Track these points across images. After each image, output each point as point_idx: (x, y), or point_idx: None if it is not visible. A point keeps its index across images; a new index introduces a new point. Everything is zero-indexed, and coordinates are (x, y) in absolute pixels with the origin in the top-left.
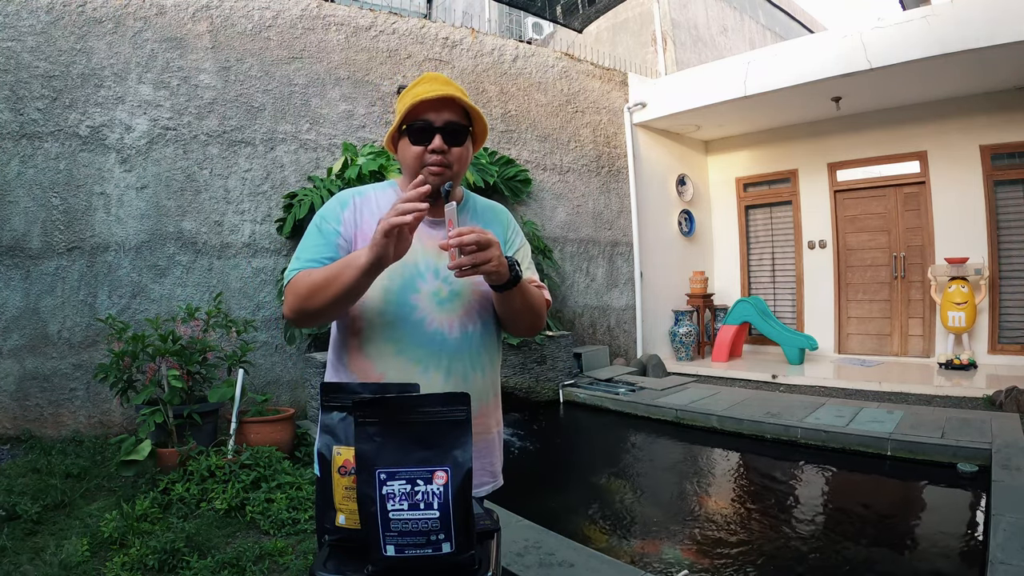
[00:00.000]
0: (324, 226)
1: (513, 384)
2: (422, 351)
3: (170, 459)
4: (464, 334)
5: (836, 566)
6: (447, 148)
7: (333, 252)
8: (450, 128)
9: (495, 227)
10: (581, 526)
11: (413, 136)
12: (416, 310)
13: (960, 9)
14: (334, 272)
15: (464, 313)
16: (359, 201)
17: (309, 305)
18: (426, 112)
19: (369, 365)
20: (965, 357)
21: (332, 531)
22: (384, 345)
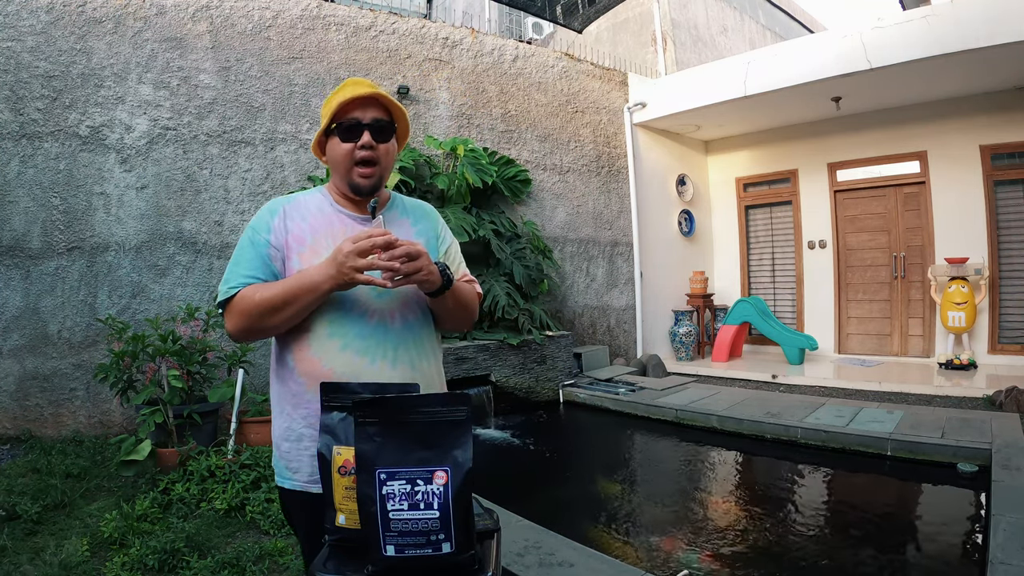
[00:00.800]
0: (256, 238)
1: (513, 384)
2: (367, 343)
3: (170, 459)
4: (406, 323)
5: (836, 566)
6: (375, 144)
7: (267, 265)
8: (377, 125)
9: (425, 224)
10: (581, 526)
11: (343, 134)
12: (357, 305)
13: (960, 9)
14: (291, 294)
15: (403, 304)
16: (288, 208)
17: (262, 324)
18: (353, 111)
19: (316, 363)
20: (965, 357)
21: (332, 531)
22: (329, 342)
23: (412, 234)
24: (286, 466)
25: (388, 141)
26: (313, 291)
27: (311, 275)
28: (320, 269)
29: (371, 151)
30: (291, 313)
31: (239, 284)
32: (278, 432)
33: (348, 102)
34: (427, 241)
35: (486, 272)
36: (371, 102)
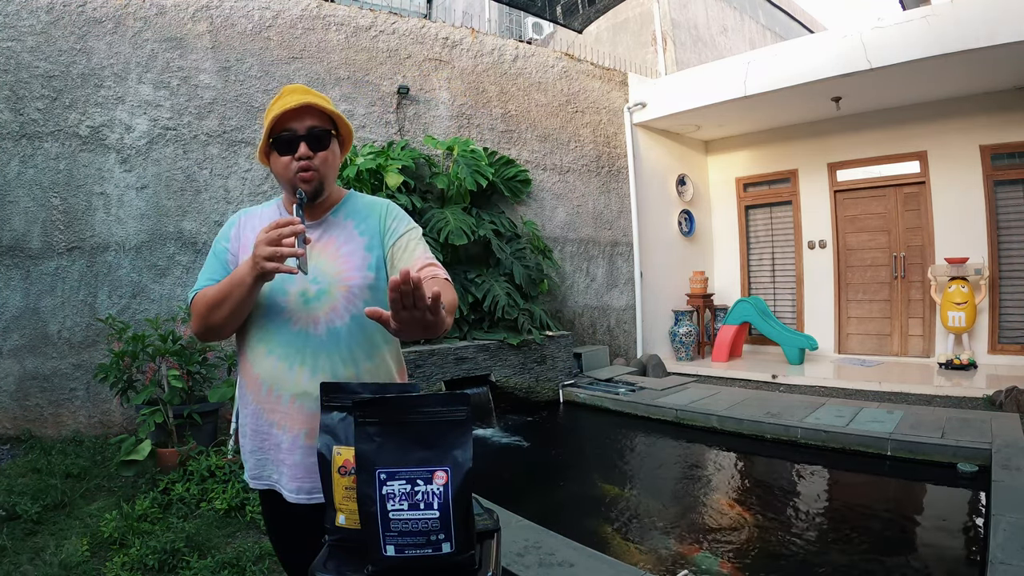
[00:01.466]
0: (217, 247)
1: (513, 384)
2: (287, 349)
3: (170, 459)
4: (330, 330)
5: (835, 565)
6: (312, 154)
7: (226, 270)
8: (313, 134)
9: (370, 220)
10: (581, 526)
11: (280, 147)
12: (283, 311)
13: (960, 9)
14: (225, 291)
15: (330, 310)
16: (244, 219)
17: (210, 322)
18: (289, 122)
19: (249, 366)
20: (965, 357)
21: (332, 531)
22: (257, 346)
23: (355, 235)
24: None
25: (327, 148)
26: (240, 284)
27: (239, 269)
28: (245, 262)
29: (308, 162)
30: (229, 309)
31: (199, 287)
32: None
33: (282, 115)
34: (370, 239)
35: (486, 272)
36: (306, 111)
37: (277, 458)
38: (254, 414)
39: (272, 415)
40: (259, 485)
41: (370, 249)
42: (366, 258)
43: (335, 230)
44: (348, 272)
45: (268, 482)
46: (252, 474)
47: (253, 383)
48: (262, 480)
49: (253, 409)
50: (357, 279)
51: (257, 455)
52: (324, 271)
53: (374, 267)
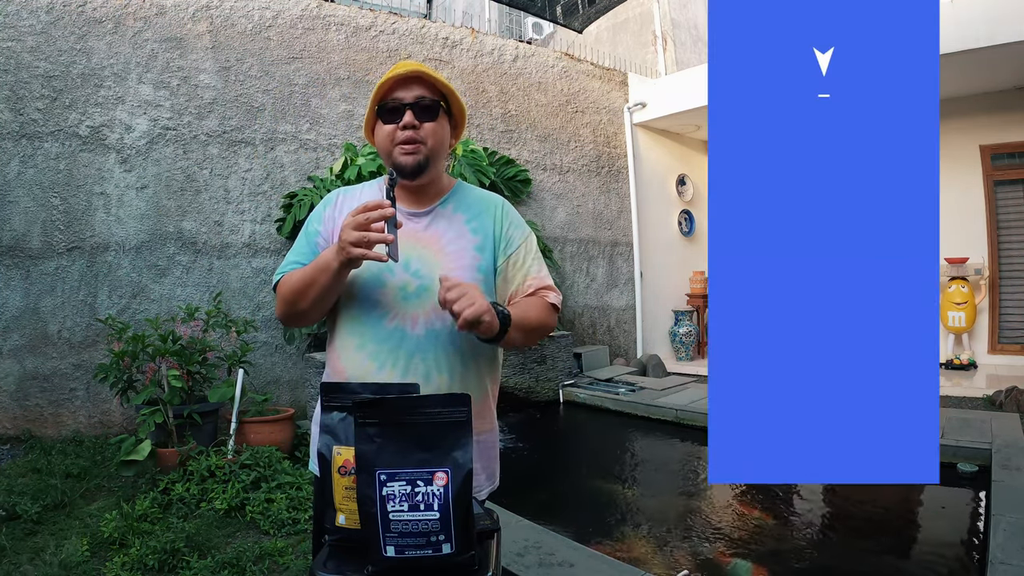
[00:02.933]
0: (309, 227)
1: (513, 384)
2: (380, 347)
3: (170, 459)
4: (429, 331)
5: (836, 565)
6: (419, 124)
7: (313, 252)
8: (421, 103)
9: (482, 220)
10: (581, 526)
11: (385, 116)
12: (379, 305)
13: (960, 9)
14: (311, 276)
15: (432, 308)
16: (342, 199)
17: (296, 308)
18: (396, 91)
19: (337, 360)
20: (965, 357)
21: (332, 531)
22: (348, 339)
23: (465, 231)
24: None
25: (434, 120)
26: (326, 270)
27: (325, 253)
28: (331, 247)
29: (413, 131)
30: (315, 295)
31: (285, 270)
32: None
33: (390, 82)
34: (482, 241)
35: None
36: (414, 80)
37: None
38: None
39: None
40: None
41: (481, 250)
42: (476, 259)
43: (442, 222)
44: (455, 271)
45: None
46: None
47: (338, 376)
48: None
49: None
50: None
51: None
52: (427, 265)
53: (483, 269)
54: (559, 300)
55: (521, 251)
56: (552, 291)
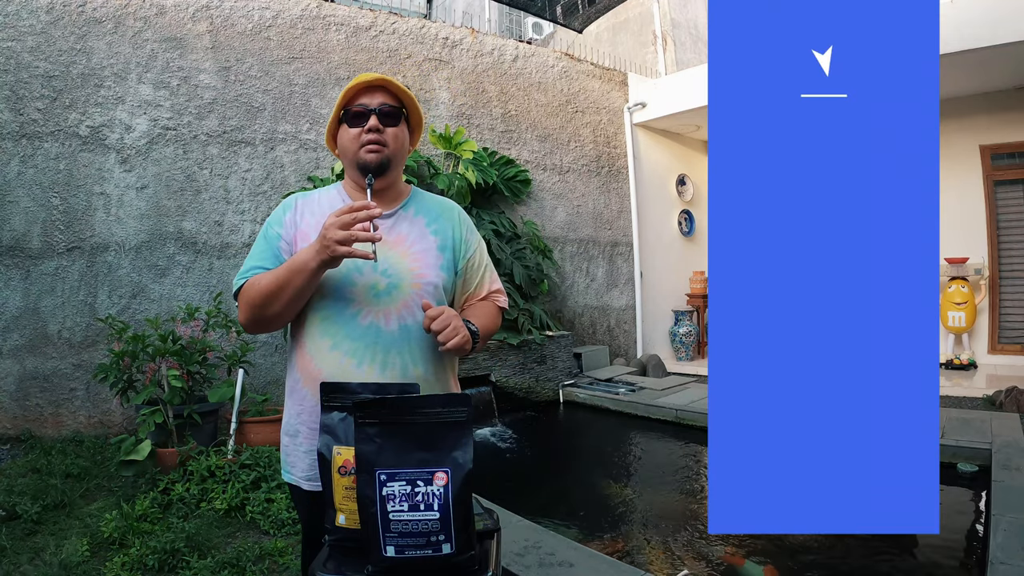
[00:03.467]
0: (268, 231)
1: (513, 384)
2: (356, 344)
3: (170, 459)
4: (402, 327)
5: (835, 564)
6: (382, 128)
7: (277, 257)
8: (384, 109)
9: (443, 224)
10: (582, 526)
11: (350, 120)
12: (351, 303)
13: (960, 9)
14: (284, 278)
15: (403, 305)
16: (302, 203)
17: (266, 312)
18: (361, 98)
19: (310, 361)
20: (965, 357)
21: (332, 531)
22: (321, 340)
23: (427, 233)
24: (285, 459)
25: (396, 126)
26: (302, 271)
27: (301, 255)
28: (308, 247)
29: (378, 134)
30: (288, 298)
31: (248, 275)
32: (283, 426)
33: (355, 89)
34: (442, 242)
35: None
36: (378, 88)
37: None
38: (311, 412)
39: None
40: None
41: (442, 250)
42: (439, 258)
43: (405, 225)
44: (422, 270)
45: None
46: (305, 475)
47: (313, 379)
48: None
49: (310, 407)
50: (431, 277)
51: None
52: (395, 266)
53: (446, 268)
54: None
55: (476, 255)
56: (502, 295)
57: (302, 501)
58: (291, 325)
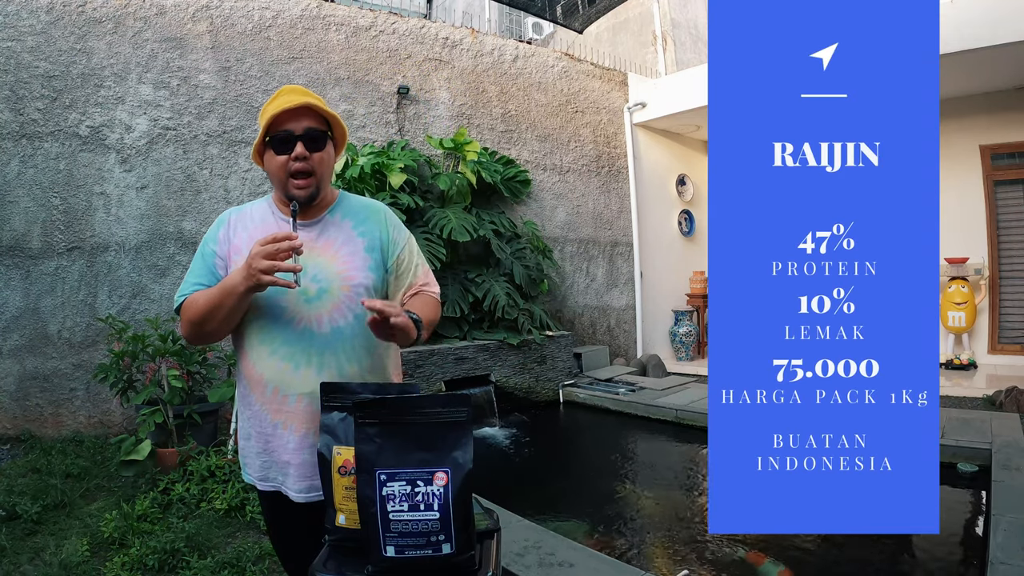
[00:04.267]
0: (204, 249)
1: (513, 384)
2: (292, 348)
3: (170, 459)
4: (334, 328)
5: (835, 564)
6: (309, 154)
7: (213, 273)
8: (310, 135)
9: (369, 225)
10: (581, 526)
11: (276, 146)
12: (285, 311)
13: (960, 9)
14: (217, 299)
15: (333, 308)
16: (234, 219)
17: (203, 328)
18: (286, 122)
19: (251, 367)
20: (965, 357)
21: (332, 531)
22: (260, 347)
23: (353, 236)
24: (242, 460)
25: (322, 150)
26: (232, 294)
27: (231, 279)
28: (237, 272)
29: (304, 162)
30: (222, 316)
31: (187, 292)
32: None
33: (279, 114)
34: (369, 243)
35: (486, 272)
36: (303, 112)
37: (282, 460)
38: (257, 416)
39: (278, 416)
40: (267, 487)
41: (370, 251)
42: (367, 259)
43: (332, 230)
44: (350, 272)
45: (274, 484)
46: (258, 476)
47: (257, 384)
48: (268, 482)
49: (257, 411)
50: (359, 279)
51: (263, 457)
52: (324, 270)
53: (375, 268)
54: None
55: (405, 252)
56: (434, 285)
57: (262, 499)
58: (233, 334)
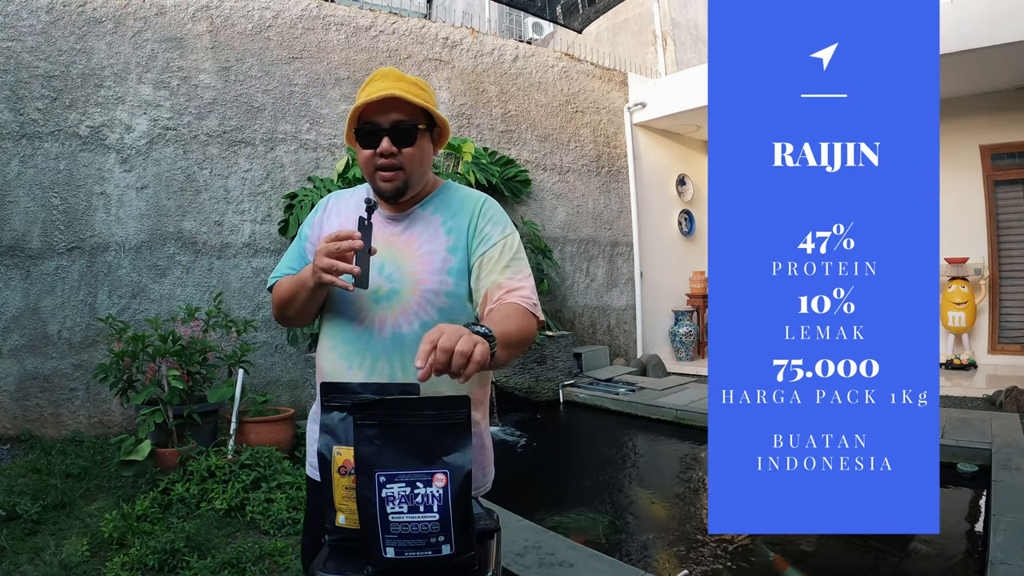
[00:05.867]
0: (301, 232)
1: (513, 384)
2: (349, 348)
3: (170, 459)
4: (395, 334)
5: (835, 564)
6: (396, 150)
7: (303, 258)
8: (398, 128)
9: (459, 217)
10: (581, 526)
11: (362, 140)
12: (351, 308)
13: (960, 9)
14: (294, 289)
15: (400, 312)
16: (332, 203)
17: (284, 313)
18: (373, 115)
19: (318, 355)
20: (965, 357)
21: (332, 531)
22: (325, 340)
23: (440, 233)
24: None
25: (413, 144)
26: (304, 286)
27: (305, 270)
28: (309, 265)
29: (391, 158)
30: (299, 305)
31: (280, 274)
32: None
33: (366, 106)
34: (455, 242)
35: None
36: (393, 103)
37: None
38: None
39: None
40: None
41: (453, 251)
42: (447, 260)
43: (420, 225)
44: (424, 275)
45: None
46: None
47: (319, 374)
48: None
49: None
50: (432, 283)
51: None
52: (399, 270)
53: (455, 272)
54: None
55: (497, 249)
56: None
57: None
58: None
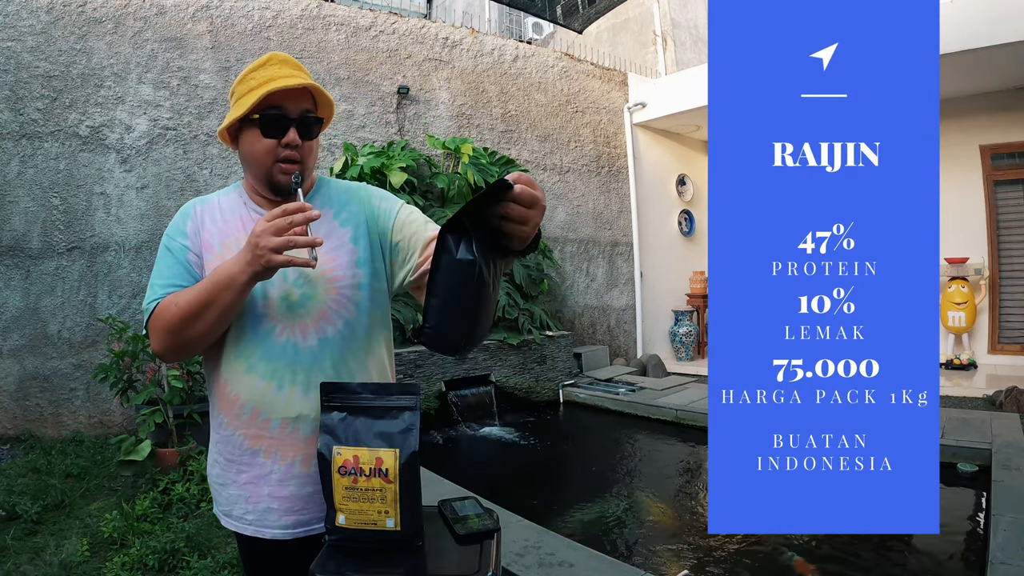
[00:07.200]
0: (172, 244)
1: (513, 384)
2: (273, 365)
3: (170, 459)
4: (321, 340)
5: (836, 565)
6: (300, 142)
7: (190, 272)
8: (306, 120)
9: (351, 207)
10: (581, 526)
11: (265, 128)
12: (265, 319)
13: (960, 9)
14: (208, 295)
15: (319, 316)
16: (200, 209)
17: (187, 335)
18: (281, 100)
19: (225, 387)
20: (965, 357)
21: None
22: (235, 362)
23: (336, 227)
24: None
25: (314, 138)
26: (230, 286)
27: (226, 267)
28: (235, 258)
29: (295, 150)
30: (213, 318)
31: (157, 297)
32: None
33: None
34: (354, 232)
35: None
36: (303, 93)
37: (260, 493)
38: (228, 440)
39: (257, 442)
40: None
41: (355, 241)
42: (353, 252)
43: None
44: (335, 271)
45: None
46: (223, 510)
47: (230, 405)
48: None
49: (228, 435)
50: (346, 279)
51: (231, 489)
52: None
53: (363, 263)
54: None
55: (405, 212)
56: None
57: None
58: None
